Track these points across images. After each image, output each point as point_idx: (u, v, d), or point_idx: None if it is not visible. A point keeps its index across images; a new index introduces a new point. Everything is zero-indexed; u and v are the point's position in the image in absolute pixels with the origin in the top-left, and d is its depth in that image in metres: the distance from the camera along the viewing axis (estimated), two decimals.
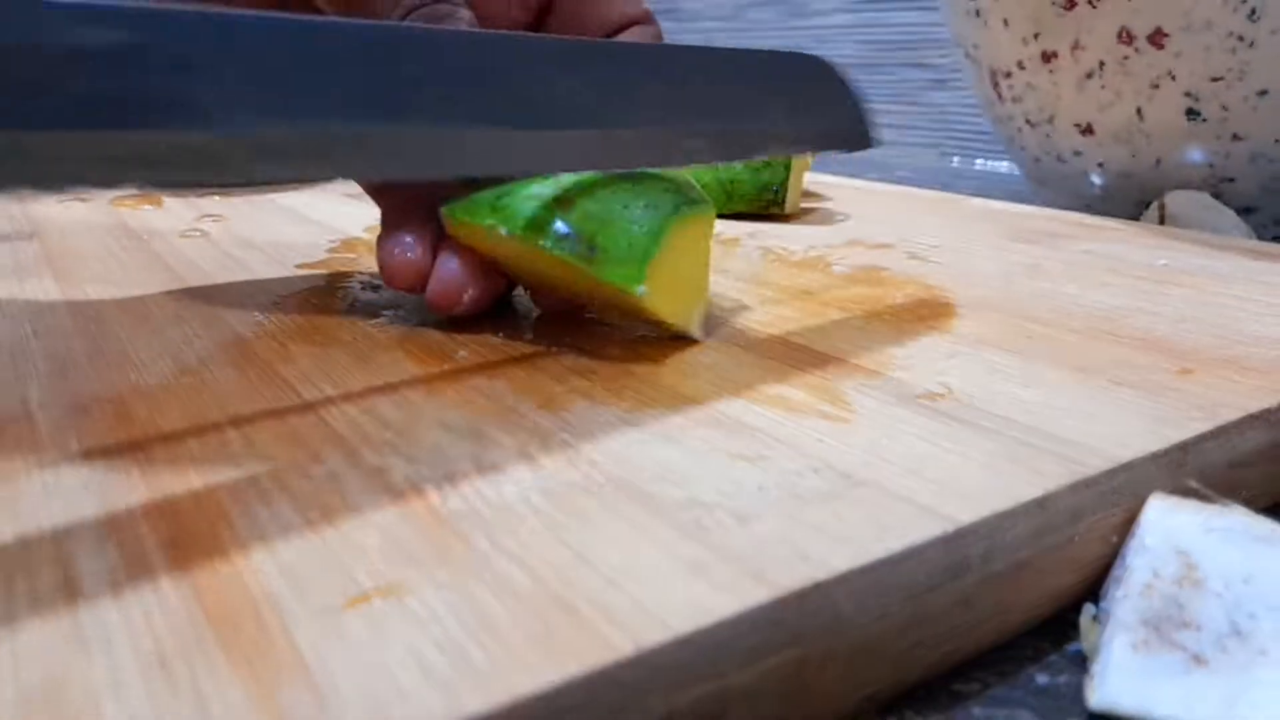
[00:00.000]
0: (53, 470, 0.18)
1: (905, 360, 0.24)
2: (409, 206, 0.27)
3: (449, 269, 0.26)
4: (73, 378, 0.23)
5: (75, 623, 0.13)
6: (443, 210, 0.25)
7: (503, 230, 0.24)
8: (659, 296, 0.24)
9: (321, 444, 0.19)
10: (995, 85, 0.52)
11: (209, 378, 0.23)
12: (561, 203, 0.23)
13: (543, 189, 0.24)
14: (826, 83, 0.27)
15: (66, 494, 0.17)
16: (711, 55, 0.25)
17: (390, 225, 0.27)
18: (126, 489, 0.17)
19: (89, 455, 0.19)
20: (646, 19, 0.29)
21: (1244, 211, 0.46)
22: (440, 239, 0.26)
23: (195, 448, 0.19)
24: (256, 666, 0.12)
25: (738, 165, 0.43)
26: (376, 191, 0.29)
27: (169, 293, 0.30)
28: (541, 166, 0.23)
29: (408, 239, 0.26)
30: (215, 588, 0.14)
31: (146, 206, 0.47)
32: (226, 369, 0.23)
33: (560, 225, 0.23)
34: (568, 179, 0.24)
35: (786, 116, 0.26)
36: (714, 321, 0.27)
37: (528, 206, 0.24)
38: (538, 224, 0.23)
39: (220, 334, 0.26)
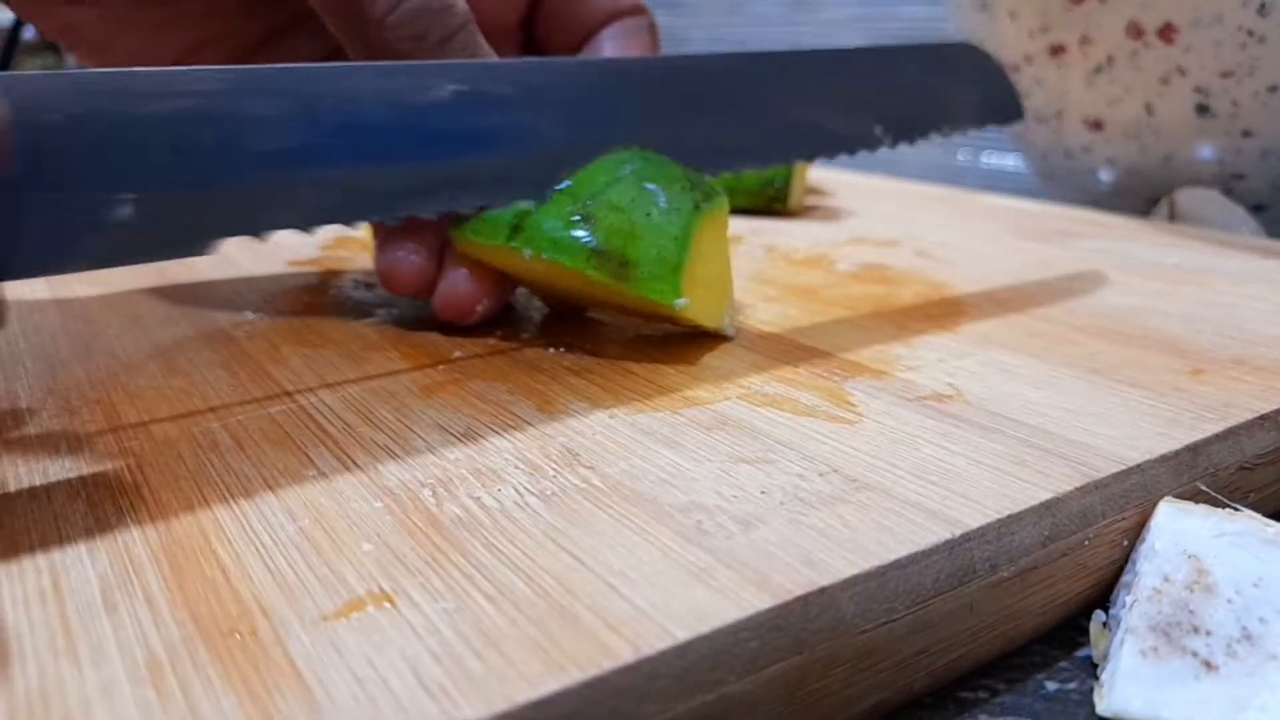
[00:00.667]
0: (41, 474, 0.18)
1: (911, 360, 0.24)
2: None
3: (461, 283, 0.25)
4: (61, 379, 0.23)
5: (66, 631, 0.13)
6: (453, 231, 0.24)
7: (526, 252, 0.23)
8: (695, 303, 0.23)
9: (313, 446, 0.19)
10: None
11: (199, 379, 0.22)
12: (584, 218, 0.23)
13: (559, 202, 0.23)
14: (977, 65, 0.31)
15: (55, 498, 0.17)
16: (875, 53, 0.30)
17: (389, 230, 0.26)
18: (116, 493, 0.17)
19: (78, 458, 0.18)
20: (638, 9, 0.29)
21: (1254, 209, 0.45)
22: (445, 243, 0.25)
23: (185, 451, 0.19)
24: (249, 676, 0.12)
25: None
26: None
27: (158, 291, 0.30)
28: (761, 162, 0.27)
29: (410, 244, 0.25)
30: (207, 595, 0.14)
31: None
32: (217, 369, 0.23)
33: (587, 243, 0.22)
34: (578, 189, 0.23)
35: (950, 99, 0.30)
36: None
37: (550, 226, 0.23)
38: (563, 245, 0.22)
39: (210, 334, 0.26)
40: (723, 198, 0.24)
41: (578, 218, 0.23)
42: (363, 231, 0.39)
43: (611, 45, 0.28)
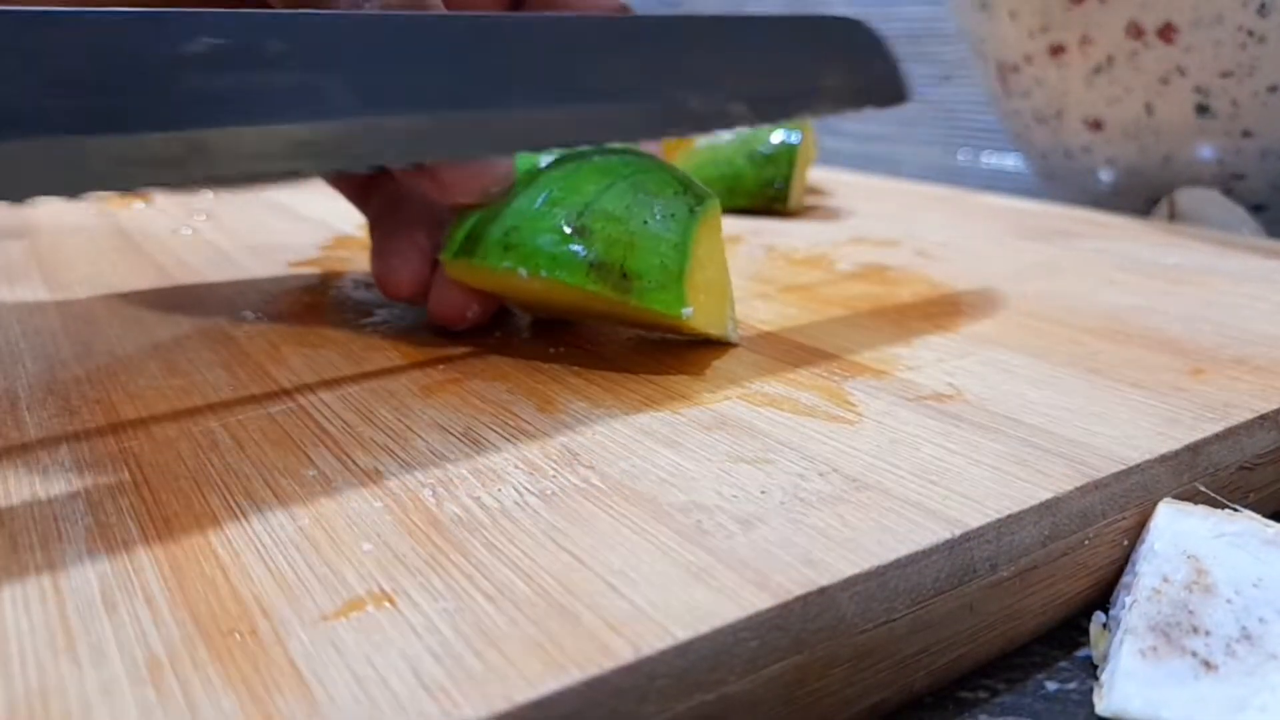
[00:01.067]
0: (41, 474, 0.18)
1: (912, 360, 0.24)
2: (401, 214, 0.26)
3: (450, 290, 0.25)
4: (61, 379, 0.23)
5: (65, 631, 0.13)
6: (442, 256, 0.24)
7: (522, 271, 0.22)
8: (698, 311, 0.23)
9: (313, 446, 0.19)
10: (1002, 80, 0.51)
11: (199, 379, 0.22)
12: (579, 230, 0.22)
13: (549, 215, 0.22)
14: (859, 43, 0.28)
15: (55, 498, 0.17)
16: (744, 23, 0.26)
17: (384, 235, 0.26)
18: (116, 493, 0.17)
19: (78, 458, 0.18)
20: (620, 9, 0.29)
21: (1254, 209, 0.45)
22: (439, 249, 0.25)
23: (185, 451, 0.19)
24: (249, 676, 0.12)
25: (741, 159, 0.42)
26: (363, 197, 0.28)
27: (159, 292, 0.30)
28: (594, 138, 0.24)
29: (405, 250, 0.25)
30: (207, 595, 0.14)
31: (138, 204, 0.46)
32: (217, 370, 0.23)
33: (585, 257, 0.22)
34: (567, 198, 0.22)
35: (821, 77, 0.27)
36: None
37: (544, 241, 0.22)
38: (561, 260, 0.22)
39: (210, 334, 0.26)
40: (714, 200, 0.24)
41: (571, 230, 0.22)
42: (363, 232, 0.39)
43: None
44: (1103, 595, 0.18)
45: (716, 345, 0.25)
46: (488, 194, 0.23)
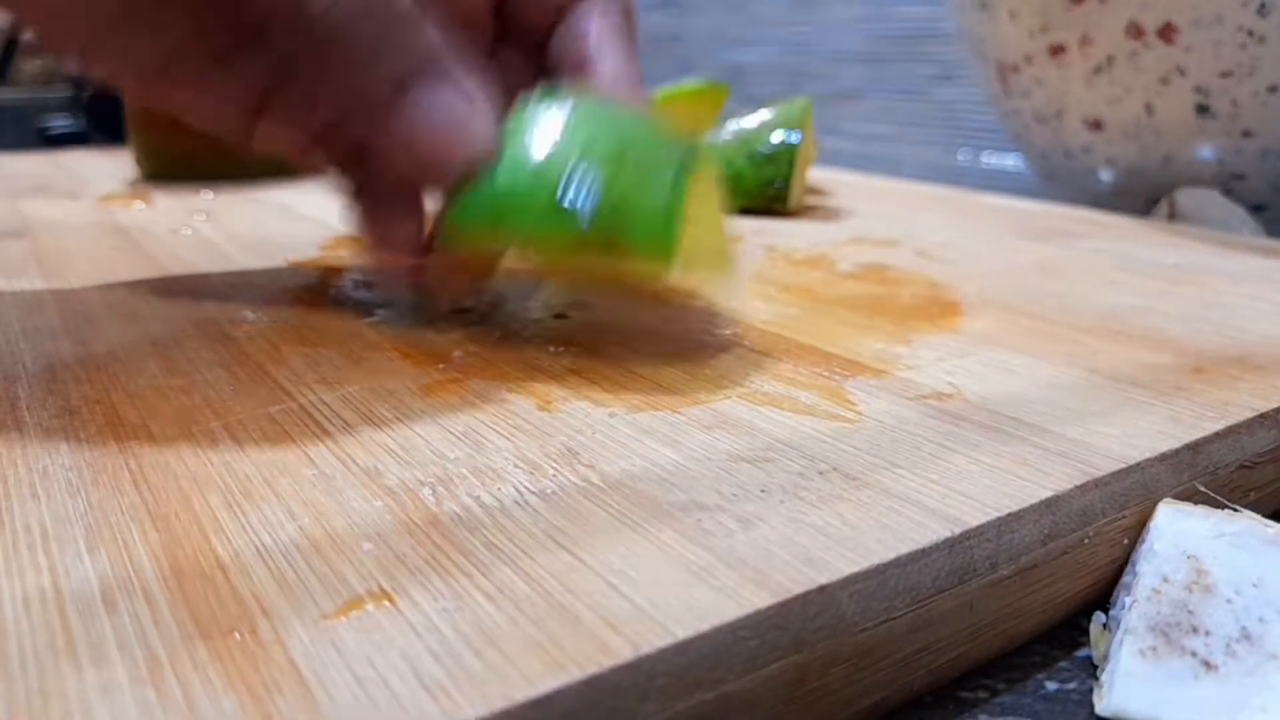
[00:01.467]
0: (41, 473, 0.18)
1: (912, 360, 0.24)
2: (383, 184, 0.25)
3: (449, 259, 0.25)
4: (61, 378, 0.23)
5: (65, 631, 0.13)
6: (440, 238, 0.24)
7: (519, 238, 0.23)
8: (695, 266, 0.23)
9: (313, 446, 0.19)
10: (1002, 80, 0.51)
11: (199, 379, 0.22)
12: (571, 190, 0.22)
13: (541, 177, 0.22)
14: None
15: (55, 498, 0.17)
16: None
17: (369, 204, 0.25)
18: (116, 493, 0.17)
19: (78, 458, 0.18)
20: (633, 75, 0.28)
21: (1254, 209, 0.45)
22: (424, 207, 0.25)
23: (185, 450, 0.19)
24: (249, 676, 0.12)
25: (741, 159, 0.42)
26: (346, 165, 0.27)
27: (159, 291, 0.30)
28: None
29: (395, 213, 0.25)
30: (207, 595, 0.14)
31: (137, 204, 0.46)
32: (216, 369, 0.23)
33: (579, 217, 0.22)
34: (553, 163, 0.22)
35: None
36: (717, 321, 0.27)
37: (535, 210, 0.22)
38: (553, 230, 0.22)
39: (210, 333, 0.26)
40: (702, 150, 0.24)
41: (561, 198, 0.22)
42: None
43: (584, 24, 0.27)
44: (1103, 595, 0.18)
45: (717, 344, 0.25)
46: (470, 166, 0.23)
